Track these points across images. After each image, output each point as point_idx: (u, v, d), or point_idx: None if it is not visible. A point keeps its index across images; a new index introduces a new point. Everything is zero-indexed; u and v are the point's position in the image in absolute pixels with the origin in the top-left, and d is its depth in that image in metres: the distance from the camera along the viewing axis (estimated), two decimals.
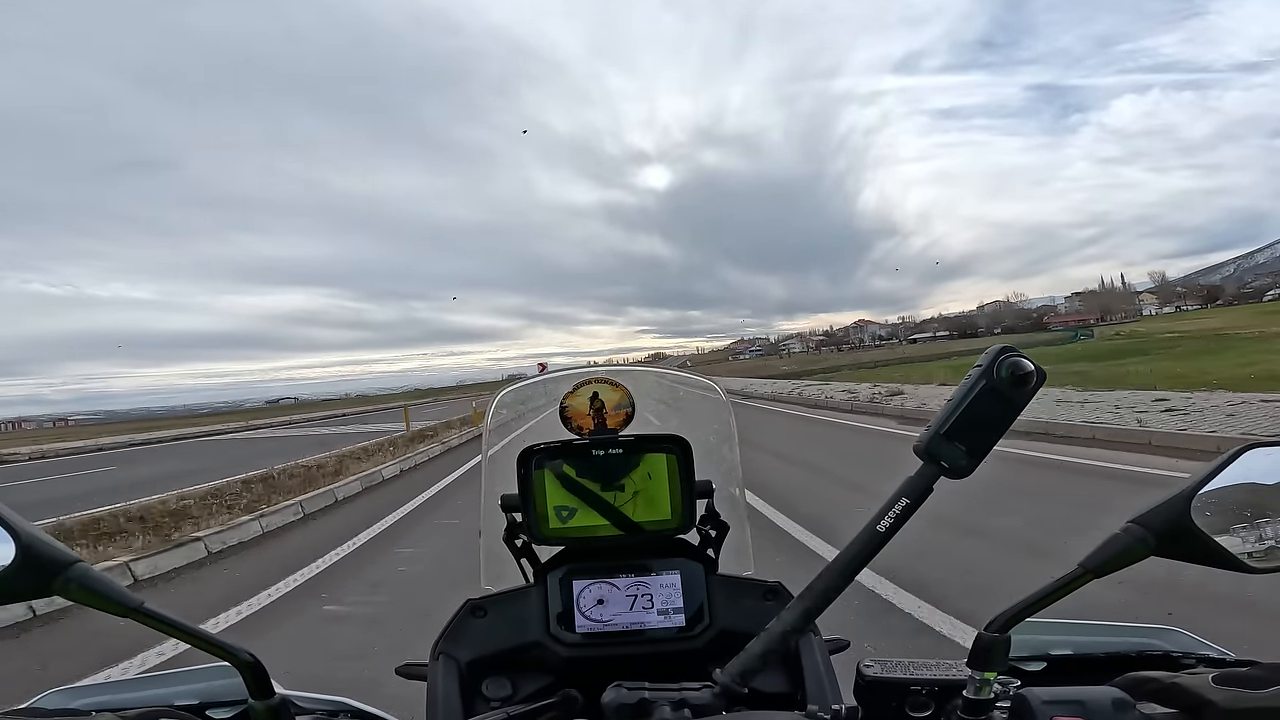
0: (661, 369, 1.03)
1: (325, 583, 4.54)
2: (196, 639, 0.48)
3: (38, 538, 0.46)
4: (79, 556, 0.47)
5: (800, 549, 4.57)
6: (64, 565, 0.46)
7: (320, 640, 3.47)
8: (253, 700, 0.51)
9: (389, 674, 0.81)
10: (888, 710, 0.61)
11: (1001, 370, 0.49)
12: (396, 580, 4.51)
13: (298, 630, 3.65)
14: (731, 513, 0.85)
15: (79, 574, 0.46)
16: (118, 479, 12.62)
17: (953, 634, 2.96)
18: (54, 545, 0.46)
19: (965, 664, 0.54)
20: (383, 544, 5.62)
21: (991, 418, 0.49)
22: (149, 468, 14.96)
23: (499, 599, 0.81)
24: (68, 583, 0.46)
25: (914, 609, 3.28)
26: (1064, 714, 0.51)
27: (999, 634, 0.52)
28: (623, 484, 0.80)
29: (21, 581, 0.45)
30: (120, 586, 0.47)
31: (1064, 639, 0.73)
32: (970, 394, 0.50)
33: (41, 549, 0.46)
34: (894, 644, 2.94)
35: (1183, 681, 0.54)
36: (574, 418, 0.83)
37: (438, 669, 0.73)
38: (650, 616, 0.79)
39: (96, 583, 0.46)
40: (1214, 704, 0.50)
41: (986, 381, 0.49)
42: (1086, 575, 0.50)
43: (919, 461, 0.51)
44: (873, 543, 0.51)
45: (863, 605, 3.31)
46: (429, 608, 3.56)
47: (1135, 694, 0.54)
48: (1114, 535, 0.51)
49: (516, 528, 0.82)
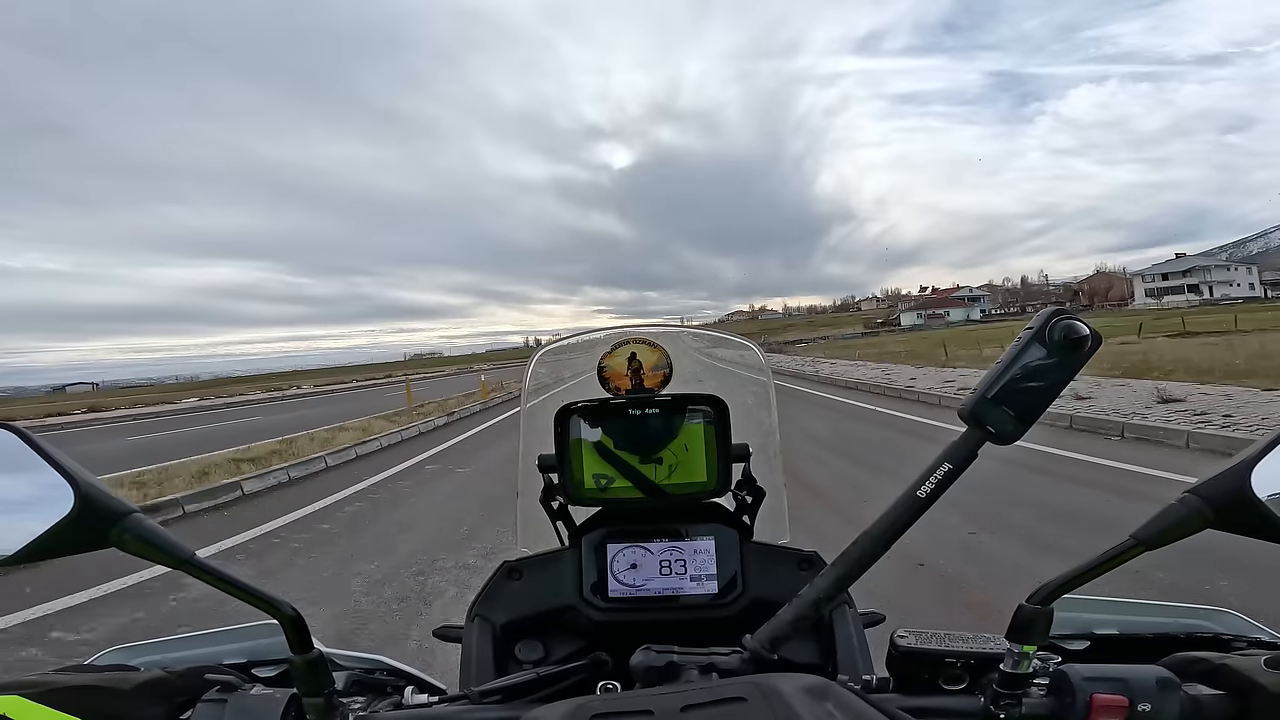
0: (699, 329, 1.02)
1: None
2: (242, 592, 0.49)
3: (96, 487, 0.46)
4: (134, 506, 0.47)
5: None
6: (120, 515, 0.46)
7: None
8: (292, 654, 0.51)
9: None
10: (920, 682, 0.60)
11: (1054, 333, 0.47)
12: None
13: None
14: (768, 478, 0.85)
15: (134, 524, 0.46)
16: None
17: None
18: (111, 496, 0.46)
19: (1003, 637, 0.53)
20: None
21: (1042, 382, 0.47)
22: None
23: (534, 561, 0.82)
24: (123, 533, 0.45)
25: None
26: (1106, 691, 0.50)
27: (1041, 606, 0.50)
28: (660, 456, 0.80)
29: (79, 534, 0.45)
30: (173, 538, 0.47)
31: (1108, 618, 0.71)
32: (1019, 357, 0.47)
33: (100, 499, 0.45)
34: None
35: (1232, 663, 0.52)
36: (611, 378, 0.83)
37: (473, 631, 0.75)
38: (683, 582, 0.79)
39: (151, 534, 0.46)
40: (1264, 688, 0.48)
41: (1038, 344, 0.47)
42: (1138, 547, 0.48)
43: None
44: (912, 509, 0.50)
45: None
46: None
47: (1182, 674, 0.52)
48: (1169, 506, 0.48)
49: (553, 489, 0.82)
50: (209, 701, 0.54)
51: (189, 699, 0.55)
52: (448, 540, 4.73)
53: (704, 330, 1.04)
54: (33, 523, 0.45)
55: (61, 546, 0.45)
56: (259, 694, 0.54)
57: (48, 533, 0.44)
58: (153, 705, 0.53)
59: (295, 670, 0.52)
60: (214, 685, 0.56)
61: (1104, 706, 0.49)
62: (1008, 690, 0.52)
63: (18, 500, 0.45)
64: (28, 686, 0.48)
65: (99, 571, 4.18)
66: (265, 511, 6.08)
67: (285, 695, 0.53)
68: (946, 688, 0.59)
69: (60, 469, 0.45)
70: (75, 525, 0.44)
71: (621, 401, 0.80)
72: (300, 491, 7.06)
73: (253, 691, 0.55)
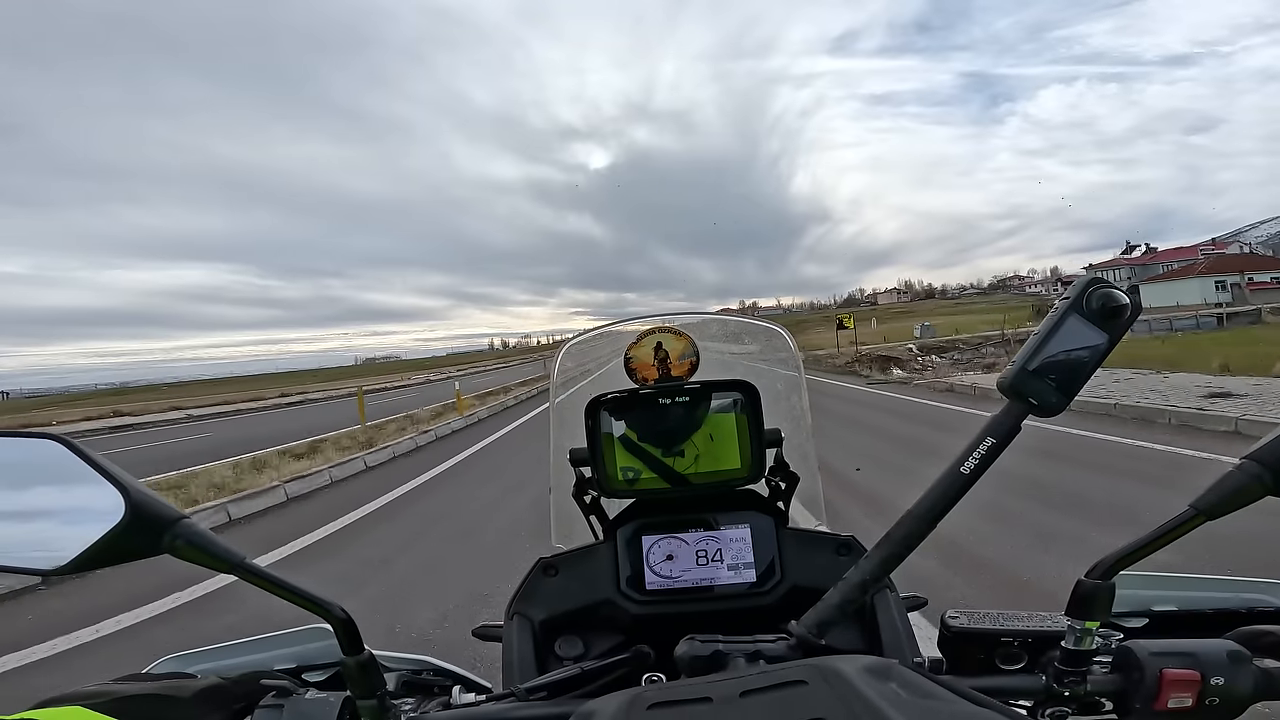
0: (726, 315, 1.01)
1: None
2: (294, 595, 0.49)
3: (146, 494, 0.46)
4: (184, 512, 0.47)
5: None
6: (171, 522, 0.46)
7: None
8: (344, 655, 0.52)
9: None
10: (975, 663, 0.59)
11: (1092, 301, 0.46)
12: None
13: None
14: (802, 464, 0.84)
15: (185, 530, 0.46)
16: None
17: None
18: (161, 502, 0.47)
19: (1063, 614, 0.52)
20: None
21: (1083, 352, 0.46)
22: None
23: (570, 557, 0.82)
24: (175, 539, 0.46)
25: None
26: (1175, 666, 0.48)
27: (1101, 581, 0.48)
28: (683, 449, 0.80)
29: (132, 540, 0.45)
30: (224, 543, 0.48)
31: (1167, 594, 0.68)
32: (1058, 327, 0.46)
33: (151, 506, 0.46)
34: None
35: None
36: (638, 369, 0.83)
37: (512, 629, 0.75)
38: (720, 572, 0.78)
39: (202, 539, 0.47)
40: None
41: (1076, 314, 0.46)
42: (1199, 517, 0.46)
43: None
44: (956, 486, 0.48)
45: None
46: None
47: (1250, 648, 0.51)
48: (1228, 473, 0.46)
49: (586, 483, 0.82)
50: (266, 707, 0.55)
51: (246, 705, 0.56)
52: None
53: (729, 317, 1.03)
54: (86, 531, 0.45)
55: (116, 554, 0.46)
56: (314, 698, 0.55)
57: (101, 540, 0.45)
58: (212, 711, 0.54)
59: (348, 672, 0.52)
60: (269, 690, 0.57)
61: (1175, 681, 0.48)
62: (1071, 668, 0.51)
63: (70, 509, 0.46)
64: (88, 697, 0.49)
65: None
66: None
67: (339, 698, 0.54)
68: (1004, 667, 0.58)
69: (110, 477, 0.46)
70: (128, 532, 0.45)
71: (651, 390, 0.80)
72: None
73: (307, 696, 0.55)
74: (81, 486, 0.46)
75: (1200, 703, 0.48)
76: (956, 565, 3.53)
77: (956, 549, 3.70)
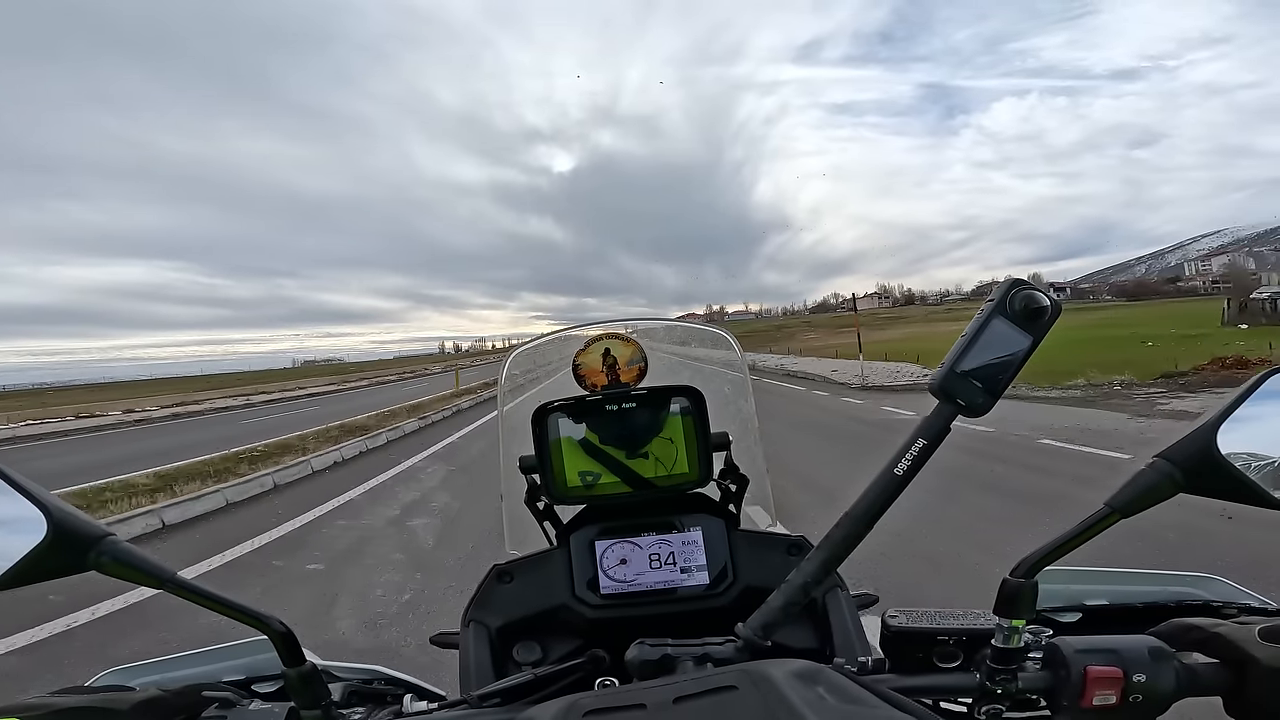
0: (672, 321, 1.02)
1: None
2: (229, 609, 0.49)
3: (69, 512, 0.46)
4: (109, 529, 0.47)
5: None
6: (96, 539, 0.46)
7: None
8: (285, 668, 0.52)
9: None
10: (915, 661, 0.60)
11: (1015, 303, 0.47)
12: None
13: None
14: (750, 465, 0.85)
15: (110, 547, 0.46)
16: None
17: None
18: (85, 519, 0.46)
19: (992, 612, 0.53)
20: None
21: (1007, 353, 0.48)
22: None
23: (524, 563, 0.82)
24: (100, 556, 0.45)
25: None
26: (1099, 663, 0.50)
27: (1025, 579, 0.50)
28: (646, 451, 0.80)
29: (55, 559, 0.45)
30: (152, 559, 0.47)
31: (1099, 588, 0.71)
32: (983, 329, 0.48)
33: (74, 524, 0.45)
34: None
35: (1225, 632, 0.52)
36: (587, 375, 0.83)
37: (469, 636, 0.75)
38: (674, 575, 0.79)
39: (128, 556, 0.46)
40: (1258, 660, 0.48)
41: (1000, 315, 0.48)
42: (1114, 515, 0.48)
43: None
44: (890, 487, 0.50)
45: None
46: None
47: (1175, 643, 0.53)
48: (1140, 472, 0.48)
49: (536, 490, 0.82)
50: (207, 719, 0.54)
51: (188, 717, 0.55)
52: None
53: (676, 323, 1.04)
54: (6, 550, 0.45)
55: (39, 572, 0.46)
56: (257, 709, 0.55)
57: (23, 560, 0.45)
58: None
59: (290, 684, 0.52)
60: (212, 702, 0.56)
61: (1098, 678, 0.49)
62: (1001, 666, 0.52)
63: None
64: (26, 710, 0.48)
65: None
66: None
67: (283, 709, 0.54)
68: (941, 665, 0.59)
69: (29, 496, 0.45)
70: (51, 550, 0.45)
71: (598, 398, 0.80)
72: None
73: (250, 707, 0.55)
74: (1, 505, 0.45)
75: (1124, 699, 0.49)
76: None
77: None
